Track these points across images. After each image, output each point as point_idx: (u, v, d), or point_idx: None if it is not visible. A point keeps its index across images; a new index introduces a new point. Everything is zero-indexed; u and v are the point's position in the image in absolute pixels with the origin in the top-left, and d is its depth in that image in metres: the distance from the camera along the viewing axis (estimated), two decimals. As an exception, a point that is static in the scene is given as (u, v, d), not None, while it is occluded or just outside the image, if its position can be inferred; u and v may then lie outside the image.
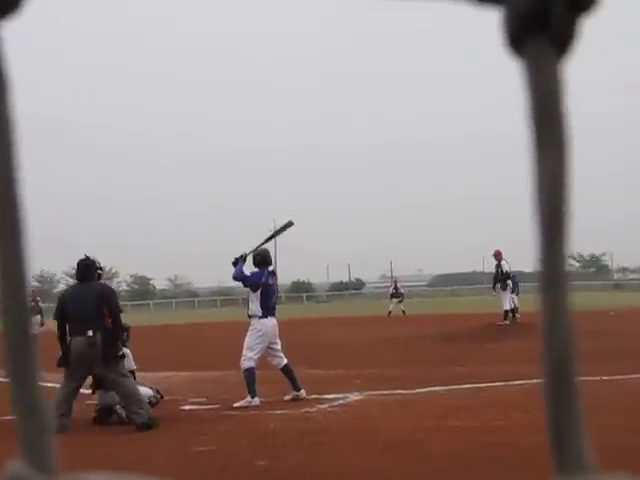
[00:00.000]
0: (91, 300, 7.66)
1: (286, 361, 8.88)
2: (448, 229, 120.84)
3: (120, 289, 76.20)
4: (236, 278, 9.02)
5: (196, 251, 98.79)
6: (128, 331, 8.60)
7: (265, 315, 8.80)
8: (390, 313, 30.82)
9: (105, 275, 15.91)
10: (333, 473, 5.20)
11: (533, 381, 9.00)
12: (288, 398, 8.63)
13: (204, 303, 70.53)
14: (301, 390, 8.74)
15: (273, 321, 8.89)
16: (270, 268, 9.14)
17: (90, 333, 7.52)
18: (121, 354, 7.78)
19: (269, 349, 8.84)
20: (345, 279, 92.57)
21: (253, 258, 9.03)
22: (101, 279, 8.45)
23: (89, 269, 8.05)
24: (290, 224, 9.56)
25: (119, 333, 7.91)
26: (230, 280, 9.43)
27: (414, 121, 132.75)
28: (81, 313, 7.60)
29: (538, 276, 0.34)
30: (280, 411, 7.95)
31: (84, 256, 8.18)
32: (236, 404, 8.30)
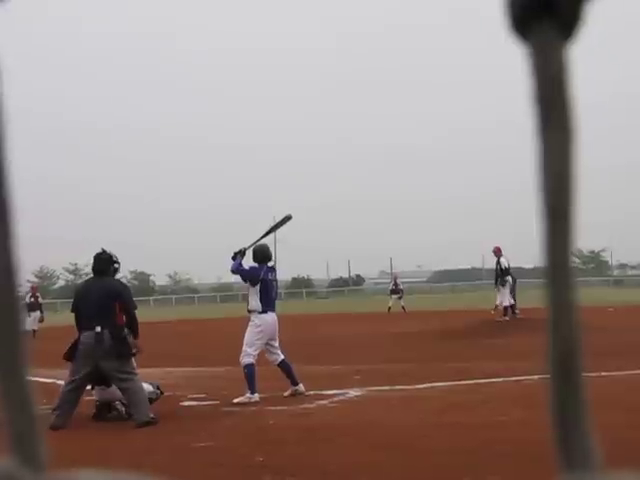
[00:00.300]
0: (102, 296, 7.59)
1: (282, 357, 8.87)
2: (448, 225, 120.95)
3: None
4: (234, 272, 9.00)
5: (196, 247, 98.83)
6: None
7: (265, 310, 8.78)
8: (390, 309, 30.83)
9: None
10: (333, 469, 5.19)
11: (533, 377, 9.00)
12: (287, 394, 8.62)
13: (204, 299, 70.60)
14: (299, 384, 8.73)
15: (273, 317, 8.87)
16: (270, 264, 9.12)
17: (98, 329, 7.47)
18: (135, 351, 7.69)
19: (267, 345, 8.82)
20: (345, 275, 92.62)
21: (253, 254, 9.01)
22: (117, 273, 8.21)
23: (105, 263, 7.93)
24: (289, 218, 9.54)
25: (136, 328, 7.81)
26: (230, 276, 9.43)
27: (413, 118, 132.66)
28: (91, 308, 7.56)
29: (543, 267, 0.33)
30: (280, 407, 7.95)
31: (101, 250, 8.04)
32: (236, 400, 8.29)
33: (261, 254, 9.01)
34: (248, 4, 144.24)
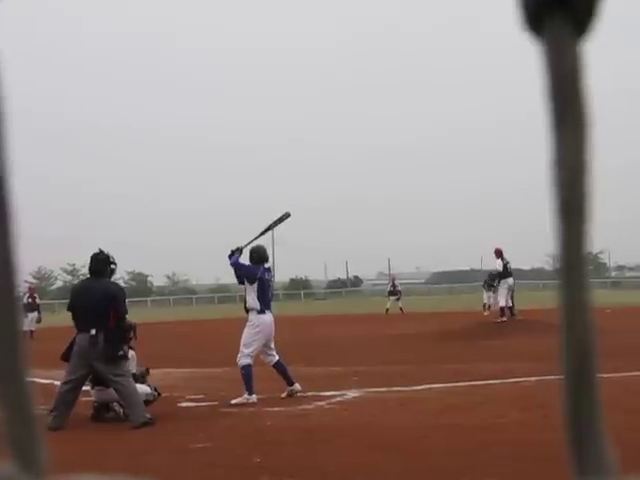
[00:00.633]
0: (97, 298, 7.53)
1: (277, 358, 8.85)
2: (446, 227, 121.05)
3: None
4: (232, 265, 8.90)
5: (194, 248, 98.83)
6: (134, 330, 8.26)
7: (263, 310, 8.76)
8: (388, 311, 30.84)
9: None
10: (331, 470, 5.18)
11: (531, 379, 9.01)
12: (285, 395, 8.61)
13: (202, 300, 70.53)
14: (295, 384, 8.72)
15: (271, 317, 8.86)
16: (266, 265, 9.09)
17: (93, 332, 7.44)
18: (122, 354, 7.61)
19: (264, 346, 8.80)
20: (343, 276, 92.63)
21: (250, 254, 8.96)
22: (114, 274, 8.14)
23: (102, 264, 7.87)
24: (287, 215, 9.45)
25: (123, 334, 7.75)
26: (228, 277, 9.40)
27: (412, 120, 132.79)
28: (86, 310, 7.52)
29: (556, 264, 0.33)
30: (277, 408, 7.94)
31: (98, 250, 7.97)
32: (233, 401, 8.28)
33: (257, 255, 8.98)
34: (248, 3, 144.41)
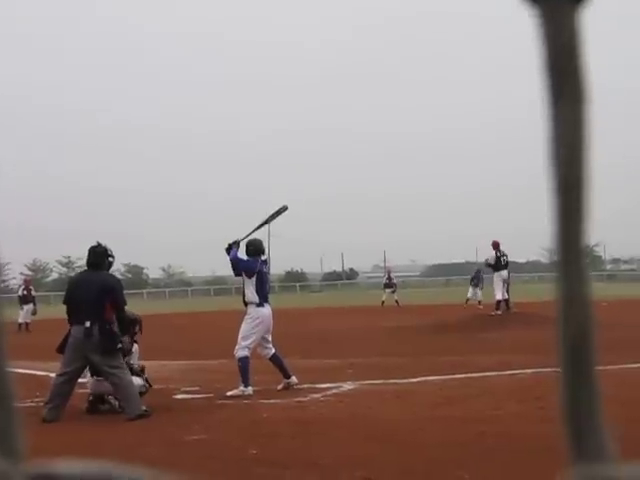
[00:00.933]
0: (93, 290, 7.50)
1: (274, 351, 8.85)
2: (442, 219, 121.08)
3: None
4: (232, 260, 8.89)
5: (190, 240, 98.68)
6: (140, 324, 8.26)
7: (262, 303, 8.76)
8: (383, 303, 30.88)
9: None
10: (327, 462, 5.18)
11: (526, 371, 9.03)
12: (281, 388, 8.61)
13: (197, 292, 70.55)
14: (292, 377, 8.73)
15: (269, 310, 8.86)
16: (263, 258, 9.09)
17: (88, 324, 7.42)
18: (119, 347, 7.59)
19: (261, 339, 8.80)
20: (339, 269, 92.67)
21: (246, 247, 8.97)
22: (112, 266, 8.10)
23: (100, 257, 7.84)
24: (285, 208, 9.43)
25: (125, 326, 7.74)
26: (224, 269, 9.37)
27: (410, 113, 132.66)
28: (82, 302, 7.49)
29: (553, 252, 0.31)
30: (273, 400, 7.94)
31: (96, 243, 7.94)
32: (229, 393, 8.28)
33: (254, 248, 8.98)
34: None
